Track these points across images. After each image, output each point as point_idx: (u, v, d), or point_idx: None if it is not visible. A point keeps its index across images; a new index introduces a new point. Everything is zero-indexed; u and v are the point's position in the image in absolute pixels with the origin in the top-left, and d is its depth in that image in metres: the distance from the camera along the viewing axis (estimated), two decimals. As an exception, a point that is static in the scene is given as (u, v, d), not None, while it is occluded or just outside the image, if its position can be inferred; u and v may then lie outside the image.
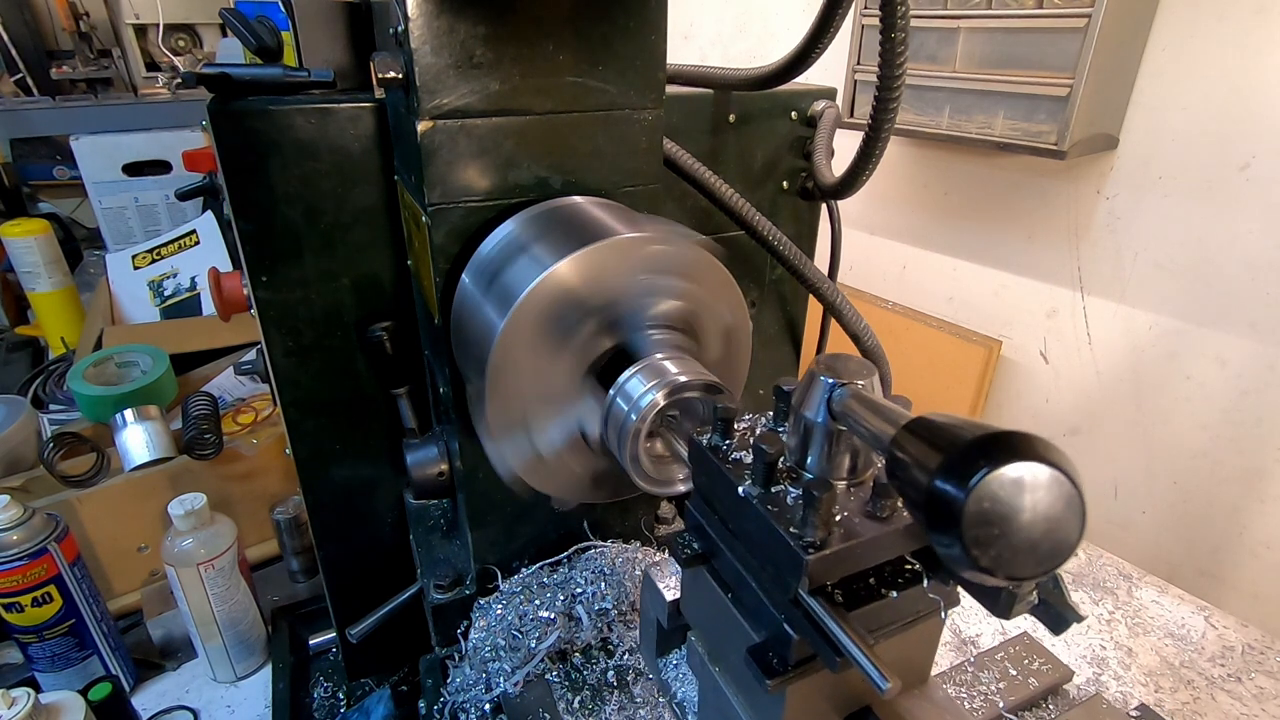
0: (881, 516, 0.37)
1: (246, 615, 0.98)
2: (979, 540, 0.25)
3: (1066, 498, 0.26)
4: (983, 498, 0.25)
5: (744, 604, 0.44)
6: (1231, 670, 0.84)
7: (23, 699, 0.71)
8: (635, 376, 0.53)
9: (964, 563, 0.26)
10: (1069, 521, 0.26)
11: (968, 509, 0.25)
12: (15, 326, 1.98)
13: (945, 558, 0.27)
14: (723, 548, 0.44)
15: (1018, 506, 0.25)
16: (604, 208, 0.61)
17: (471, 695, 0.66)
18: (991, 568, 0.26)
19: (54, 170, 2.42)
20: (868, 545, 0.37)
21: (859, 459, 0.40)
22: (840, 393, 0.38)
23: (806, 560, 0.35)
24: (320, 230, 0.70)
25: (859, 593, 0.39)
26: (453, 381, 0.65)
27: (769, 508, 0.38)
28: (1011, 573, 0.26)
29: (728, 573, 0.45)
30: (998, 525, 0.25)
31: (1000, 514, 0.25)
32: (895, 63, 0.63)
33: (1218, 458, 1.30)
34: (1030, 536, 0.26)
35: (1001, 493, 0.25)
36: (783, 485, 0.40)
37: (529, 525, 0.72)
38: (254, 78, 0.65)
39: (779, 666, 0.40)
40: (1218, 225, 1.22)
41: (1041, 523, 0.25)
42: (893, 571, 0.40)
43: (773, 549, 0.38)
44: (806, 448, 0.40)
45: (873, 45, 1.29)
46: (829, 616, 0.35)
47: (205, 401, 1.13)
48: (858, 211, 1.81)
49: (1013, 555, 0.26)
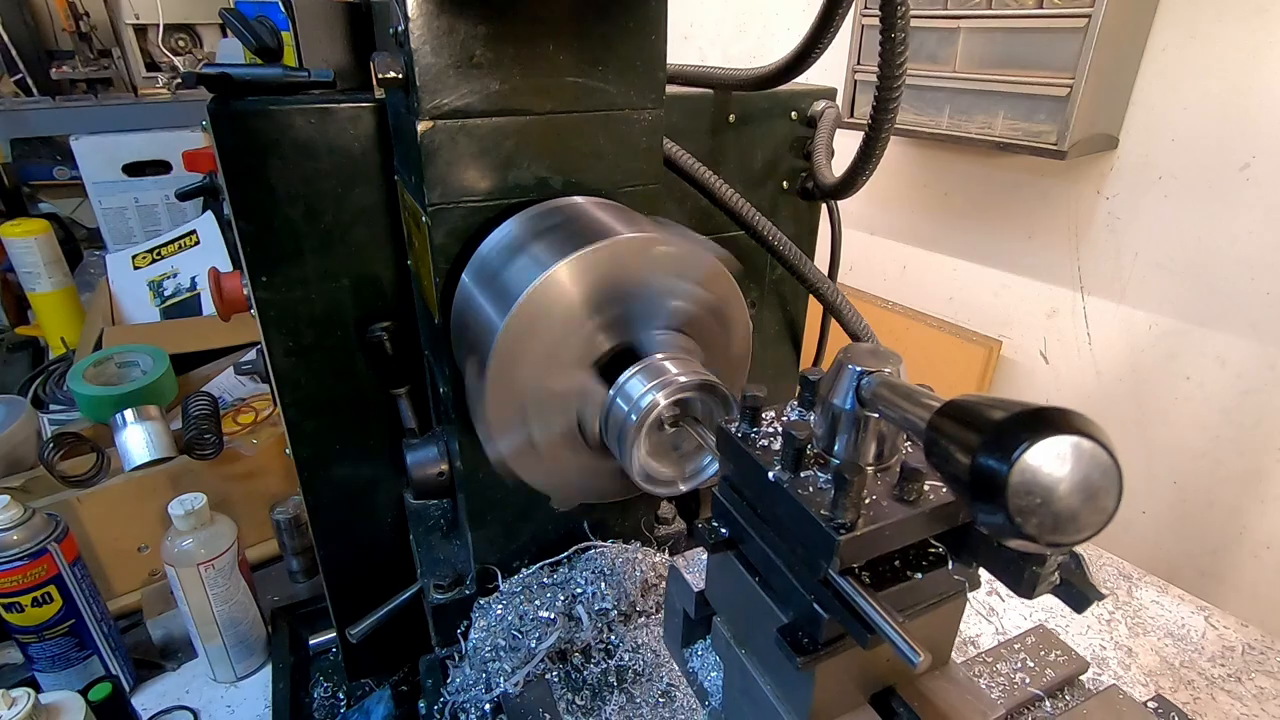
0: (909, 500, 0.39)
1: (246, 615, 0.98)
2: (1023, 509, 0.27)
3: (1103, 467, 0.27)
4: (1025, 469, 0.27)
5: (772, 587, 0.46)
6: (1231, 670, 0.84)
7: (23, 699, 0.71)
8: (635, 377, 0.53)
9: (1009, 530, 0.28)
10: (1106, 489, 0.27)
11: (1011, 480, 0.27)
12: (15, 326, 1.98)
13: (989, 526, 0.29)
14: (751, 533, 0.45)
15: (1058, 476, 0.27)
16: (604, 208, 0.61)
17: (471, 695, 0.66)
18: (1035, 534, 0.27)
19: (54, 170, 2.42)
20: (896, 527, 0.38)
21: (885, 444, 0.42)
22: (869, 380, 0.39)
23: (839, 541, 0.36)
24: (320, 230, 0.70)
25: (885, 575, 0.40)
26: (453, 381, 0.65)
27: (800, 491, 0.39)
28: (1054, 539, 0.28)
29: (756, 557, 0.46)
30: (1040, 494, 0.27)
31: (1042, 484, 0.27)
32: (895, 63, 0.63)
33: (1218, 458, 1.30)
34: (1070, 504, 0.27)
35: (1043, 463, 0.27)
36: (812, 471, 0.41)
37: (529, 525, 0.72)
38: (254, 78, 0.65)
39: (809, 645, 0.42)
40: (1218, 225, 1.22)
41: (1080, 490, 0.27)
42: (917, 554, 0.41)
43: (804, 531, 0.39)
44: (834, 434, 0.42)
45: (873, 45, 1.29)
46: (860, 595, 0.37)
47: (205, 401, 1.13)
48: (858, 211, 1.81)
49: (1055, 522, 0.27)
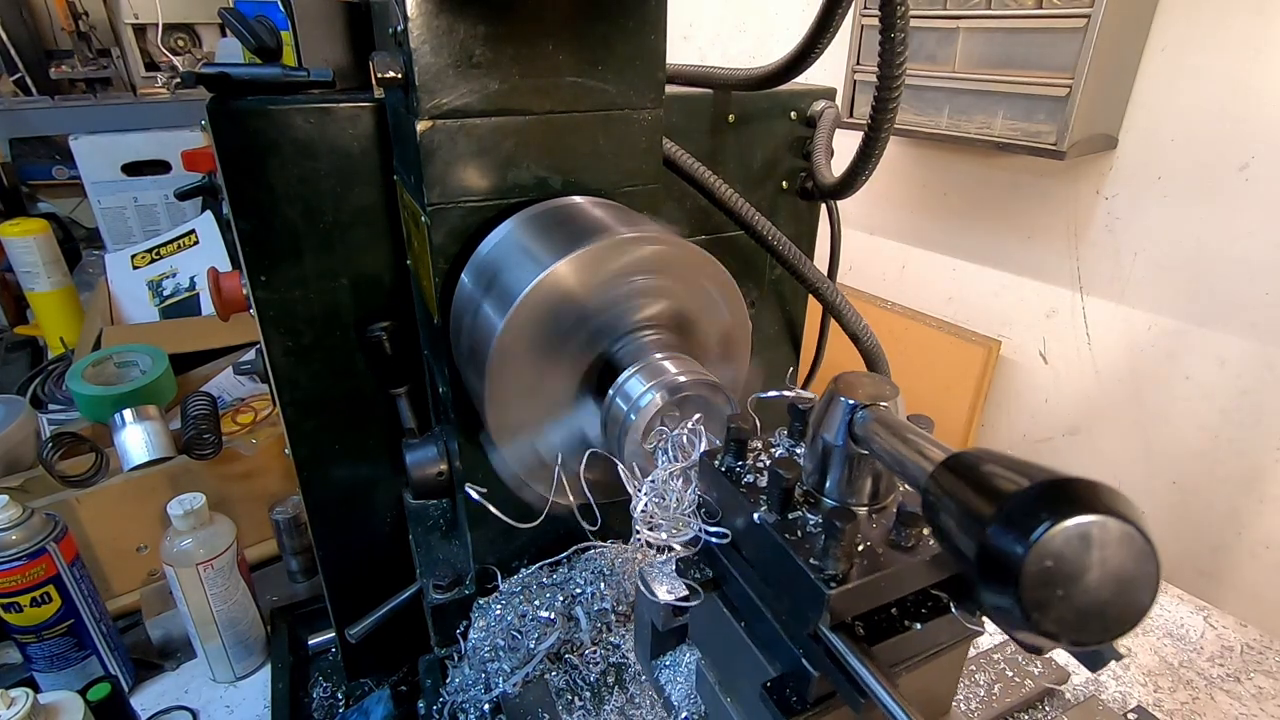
0: (907, 546, 0.35)
1: (245, 615, 0.98)
2: (1040, 603, 0.23)
3: (1139, 554, 0.23)
4: (1045, 555, 0.22)
5: (757, 634, 0.42)
6: (1230, 670, 0.84)
7: (21, 699, 0.71)
8: (635, 376, 0.53)
9: (1022, 624, 0.23)
10: (1142, 581, 0.23)
11: (1027, 568, 0.22)
12: (14, 326, 1.98)
13: (997, 617, 0.25)
14: (734, 574, 0.42)
15: (1085, 565, 0.22)
16: (604, 208, 0.61)
17: (471, 695, 0.66)
18: (1055, 632, 0.23)
19: (53, 170, 2.42)
20: (892, 578, 0.34)
21: (881, 483, 0.38)
22: (863, 415, 0.35)
23: (828, 595, 0.33)
24: (319, 230, 0.70)
25: (880, 625, 0.36)
26: (452, 381, 0.65)
27: (786, 536, 0.36)
28: (1076, 638, 0.23)
29: (740, 600, 0.43)
30: (1062, 586, 0.23)
31: (1065, 573, 0.22)
32: (895, 63, 0.63)
33: (1217, 458, 1.30)
34: (1098, 598, 0.23)
35: (1067, 550, 0.22)
36: (800, 511, 0.37)
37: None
38: (253, 77, 0.65)
39: (797, 704, 0.38)
40: (1217, 225, 1.23)
41: (1111, 583, 0.23)
42: (916, 602, 0.37)
43: (791, 580, 0.35)
44: (825, 472, 0.38)
45: (872, 45, 1.29)
46: (853, 654, 0.33)
47: (204, 401, 1.13)
48: (858, 211, 1.81)
49: (1077, 619, 0.23)
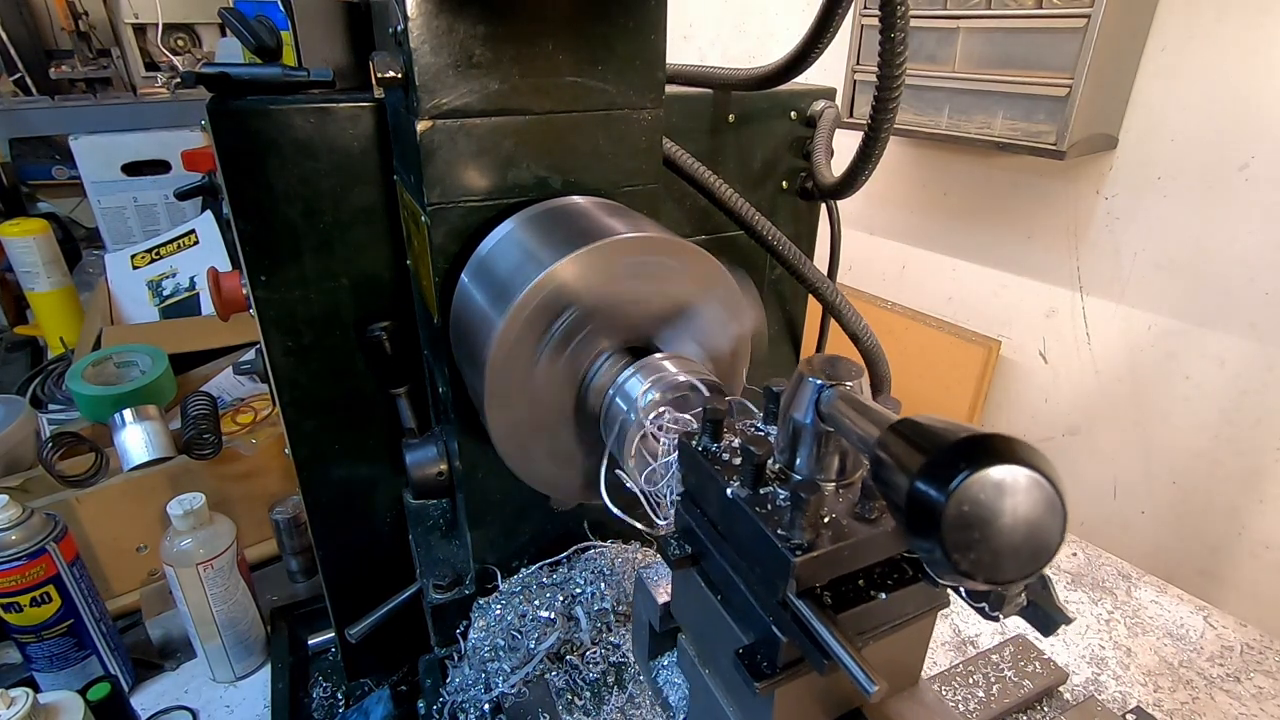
0: (870, 518, 0.37)
1: (245, 615, 0.98)
2: (959, 544, 0.25)
3: (1047, 501, 0.25)
4: (963, 501, 0.25)
5: (733, 606, 0.44)
6: (1230, 670, 0.84)
7: (21, 699, 0.71)
8: (634, 375, 0.53)
9: (945, 566, 0.26)
10: (1050, 525, 0.26)
11: (948, 512, 0.25)
12: (14, 326, 1.98)
13: (926, 561, 0.27)
14: (712, 550, 0.44)
15: (998, 510, 0.25)
16: (603, 207, 0.61)
17: (471, 695, 0.66)
18: (972, 571, 0.26)
19: (53, 170, 2.42)
20: (856, 547, 0.36)
21: (848, 460, 0.40)
22: (828, 394, 0.38)
23: (794, 562, 0.35)
24: (319, 230, 0.70)
25: (848, 594, 0.39)
26: (452, 381, 0.65)
27: (757, 509, 0.38)
28: (992, 576, 0.26)
29: (717, 575, 0.45)
30: (978, 529, 0.25)
31: (980, 517, 0.25)
32: (895, 63, 0.63)
33: (1217, 458, 1.30)
34: (1011, 540, 0.25)
35: (982, 496, 0.25)
36: (771, 487, 0.39)
37: (528, 525, 0.72)
38: (253, 77, 0.65)
39: (768, 669, 0.40)
40: (1217, 225, 1.23)
41: (1022, 526, 0.25)
42: (882, 573, 0.40)
43: (761, 551, 0.38)
44: (795, 449, 0.40)
45: (872, 45, 1.29)
46: (816, 619, 0.35)
47: (204, 401, 1.13)
48: (858, 211, 1.81)
49: (993, 559, 0.26)
